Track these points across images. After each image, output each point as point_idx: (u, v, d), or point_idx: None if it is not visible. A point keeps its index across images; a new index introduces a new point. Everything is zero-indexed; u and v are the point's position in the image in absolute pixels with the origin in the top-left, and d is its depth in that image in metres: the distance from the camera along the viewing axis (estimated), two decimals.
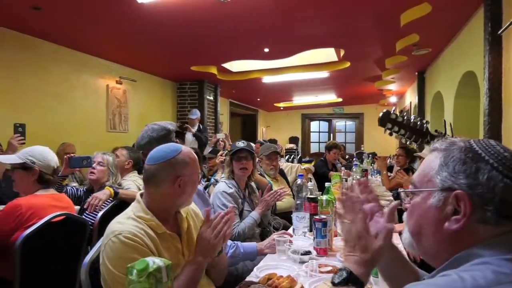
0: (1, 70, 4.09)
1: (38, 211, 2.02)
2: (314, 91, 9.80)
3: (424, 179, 0.81)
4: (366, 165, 5.83)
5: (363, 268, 0.86)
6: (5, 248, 1.90)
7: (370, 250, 0.88)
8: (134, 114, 6.37)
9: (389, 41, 5.00)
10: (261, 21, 4.21)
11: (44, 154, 2.23)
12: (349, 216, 0.93)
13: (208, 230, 1.32)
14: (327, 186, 2.22)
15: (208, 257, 1.32)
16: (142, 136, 2.07)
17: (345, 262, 0.90)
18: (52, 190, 2.26)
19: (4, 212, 2.02)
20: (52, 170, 2.22)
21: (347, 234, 0.92)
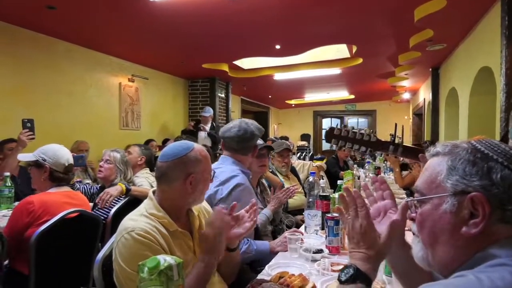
0: (16, 69, 4.15)
1: (51, 208, 2.04)
2: (326, 88, 9.73)
3: (432, 186, 0.78)
4: (379, 163, 5.77)
5: (369, 264, 0.85)
6: (20, 243, 1.94)
7: (375, 246, 0.86)
8: (146, 111, 6.42)
9: (403, 37, 4.93)
10: (273, 18, 4.19)
11: (55, 151, 2.23)
12: (352, 212, 0.91)
13: (208, 228, 1.31)
14: (340, 184, 2.20)
15: (215, 255, 1.31)
16: (230, 129, 2.10)
17: (350, 258, 0.89)
18: (66, 188, 2.27)
19: (17, 209, 2.05)
20: (64, 168, 2.22)
21: (351, 230, 0.91)
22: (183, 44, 5.16)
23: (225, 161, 2.11)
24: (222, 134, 2.13)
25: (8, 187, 2.83)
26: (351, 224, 0.91)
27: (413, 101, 10.69)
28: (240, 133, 2.06)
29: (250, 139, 2.09)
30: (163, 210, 1.32)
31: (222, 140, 2.15)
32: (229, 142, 2.09)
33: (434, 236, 0.77)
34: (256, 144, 2.17)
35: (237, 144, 2.07)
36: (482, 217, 0.70)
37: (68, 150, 2.33)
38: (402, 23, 4.36)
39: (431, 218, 0.77)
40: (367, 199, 1.02)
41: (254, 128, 2.11)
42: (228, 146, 2.11)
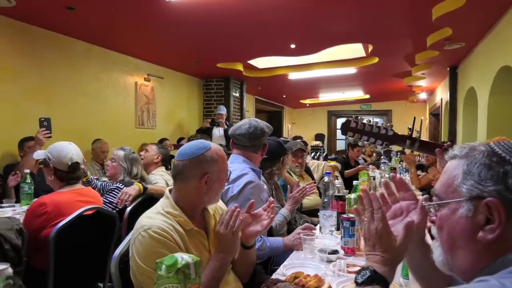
0: (35, 69, 4.24)
1: (64, 209, 2.05)
2: (340, 88, 9.66)
3: (448, 190, 0.77)
4: (395, 163, 5.70)
5: (386, 267, 0.84)
6: (36, 242, 1.96)
7: (391, 249, 0.85)
8: (162, 111, 6.48)
9: (420, 36, 4.85)
10: (288, 17, 4.18)
11: (58, 150, 2.19)
12: (368, 215, 0.90)
13: (222, 226, 1.31)
14: (356, 184, 2.18)
15: (230, 252, 1.31)
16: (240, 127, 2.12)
17: (367, 261, 0.88)
18: (78, 185, 2.27)
19: (29, 211, 2.05)
20: (67, 167, 2.16)
21: (367, 233, 0.90)
22: (198, 43, 5.18)
23: (235, 159, 2.12)
24: (233, 132, 2.14)
25: (28, 184, 2.89)
26: (366, 227, 0.90)
27: (430, 101, 10.52)
28: (251, 130, 2.08)
29: (261, 136, 2.11)
30: (179, 209, 1.33)
31: (233, 138, 2.16)
32: (240, 139, 2.10)
33: (452, 240, 0.76)
34: (265, 142, 2.18)
35: (248, 141, 2.10)
36: (498, 222, 0.68)
37: (74, 148, 2.27)
38: (419, 22, 4.30)
39: (449, 223, 0.76)
40: (389, 198, 1.00)
41: (264, 126, 2.13)
42: (239, 143, 2.13)
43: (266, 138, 2.17)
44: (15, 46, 4.00)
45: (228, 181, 1.46)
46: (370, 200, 0.91)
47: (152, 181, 3.09)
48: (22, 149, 3.69)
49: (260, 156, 2.19)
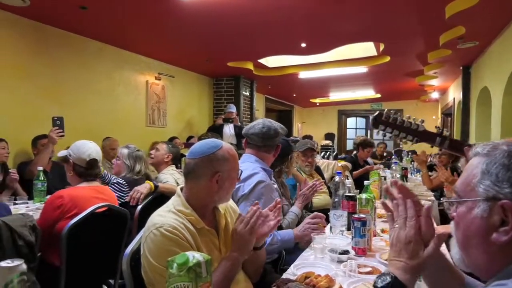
0: (48, 68, 4.29)
1: (79, 202, 2.10)
2: (351, 87, 9.60)
3: (467, 188, 0.76)
4: (406, 163, 5.65)
5: (408, 275, 0.82)
6: (51, 236, 2.00)
7: (417, 257, 0.84)
8: (172, 109, 6.51)
9: (433, 34, 4.79)
10: (299, 16, 4.16)
11: (79, 147, 2.28)
12: (400, 221, 0.89)
13: (241, 225, 1.32)
14: (366, 184, 2.16)
15: (244, 253, 1.32)
16: (254, 126, 2.13)
17: (389, 266, 0.87)
18: (95, 183, 2.33)
19: (48, 203, 2.12)
20: (85, 163, 2.25)
21: (395, 239, 0.88)
22: (209, 42, 5.20)
23: (247, 158, 2.12)
24: (246, 132, 2.15)
25: (41, 181, 2.94)
26: (396, 233, 0.88)
27: (442, 100, 10.39)
28: (265, 130, 2.08)
29: (274, 136, 2.11)
30: (190, 207, 1.33)
31: (246, 137, 2.16)
32: (254, 138, 2.11)
33: (466, 239, 0.76)
34: (278, 143, 2.18)
35: (261, 141, 2.10)
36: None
37: (94, 146, 2.35)
38: (432, 20, 4.24)
39: (465, 221, 0.76)
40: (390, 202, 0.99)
41: (278, 127, 2.13)
42: (252, 143, 2.13)
43: (280, 139, 2.17)
44: (29, 45, 4.06)
45: (239, 180, 1.46)
46: (406, 207, 0.89)
47: (162, 180, 3.11)
48: (35, 147, 3.75)
49: (273, 157, 2.19)
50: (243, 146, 2.22)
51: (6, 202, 2.50)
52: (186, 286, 0.80)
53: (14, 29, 3.90)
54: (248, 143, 2.16)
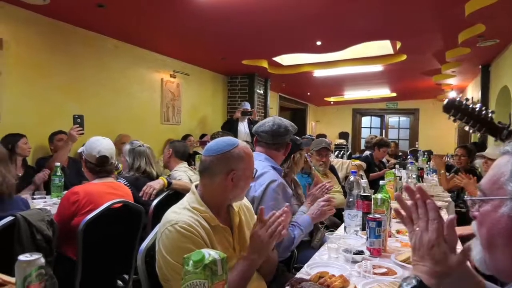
0: (67, 65, 4.36)
1: (94, 198, 2.13)
2: (366, 86, 9.49)
3: (494, 186, 0.74)
4: (422, 164, 5.56)
5: (433, 279, 0.80)
6: (67, 231, 2.03)
7: (442, 261, 0.81)
8: (187, 107, 6.55)
9: (451, 32, 4.70)
10: (314, 14, 4.12)
11: (90, 143, 2.30)
12: (422, 224, 0.86)
13: (262, 229, 1.31)
14: (382, 184, 2.14)
15: (262, 256, 1.32)
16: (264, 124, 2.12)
17: (414, 270, 0.84)
18: (110, 179, 2.36)
19: (64, 199, 2.16)
20: (95, 159, 2.26)
21: (418, 242, 0.85)
22: (224, 40, 5.20)
23: (257, 157, 2.10)
24: (256, 129, 2.13)
25: (58, 177, 2.99)
26: (418, 236, 0.86)
27: None
28: (275, 127, 2.07)
29: (284, 134, 2.09)
30: (205, 205, 1.34)
31: (256, 135, 2.15)
32: (264, 136, 2.09)
33: (491, 238, 0.74)
34: (289, 142, 2.15)
35: (272, 139, 2.08)
36: None
37: (106, 142, 2.35)
38: (451, 18, 4.16)
39: (490, 220, 0.74)
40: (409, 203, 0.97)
41: (288, 124, 2.11)
42: (262, 141, 2.12)
43: (290, 137, 2.14)
44: (48, 43, 4.13)
45: (253, 179, 1.46)
46: (427, 210, 0.87)
47: (176, 177, 3.14)
48: (52, 143, 3.82)
49: (283, 155, 2.17)
50: (253, 144, 2.21)
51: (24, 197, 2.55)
52: (201, 283, 0.80)
53: (34, 27, 3.97)
54: (258, 141, 2.15)
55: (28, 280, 0.96)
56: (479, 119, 1.29)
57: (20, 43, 3.84)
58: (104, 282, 2.31)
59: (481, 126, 1.29)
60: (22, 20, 3.83)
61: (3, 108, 3.66)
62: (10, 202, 1.79)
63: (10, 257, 1.60)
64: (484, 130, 1.31)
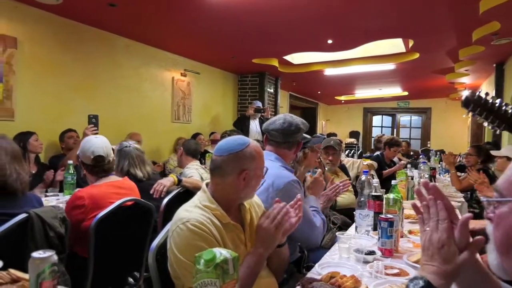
0: (79, 64, 4.41)
1: (100, 202, 2.10)
2: (378, 84, 9.41)
3: (511, 187, 0.73)
4: (434, 163, 5.50)
5: (442, 280, 0.79)
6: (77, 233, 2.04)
7: (451, 261, 0.80)
8: (197, 105, 6.57)
9: (465, 30, 4.62)
10: (325, 12, 4.10)
11: (83, 145, 2.25)
12: (432, 224, 0.85)
13: (267, 220, 1.31)
14: (394, 184, 2.11)
15: (269, 248, 1.31)
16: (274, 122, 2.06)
17: (421, 271, 0.83)
18: (113, 177, 2.31)
19: (68, 204, 2.12)
20: (91, 160, 2.20)
21: (427, 242, 0.84)
22: (234, 39, 5.20)
23: (267, 156, 2.04)
24: (267, 127, 2.05)
25: (71, 174, 3.03)
26: (428, 236, 0.85)
27: None
28: (285, 125, 1.99)
29: (295, 132, 2.01)
30: (216, 203, 1.34)
31: (266, 134, 2.08)
32: (274, 134, 2.01)
33: (508, 240, 0.72)
34: (300, 140, 2.09)
35: (282, 137, 2.00)
36: None
37: (99, 141, 2.27)
38: (465, 15, 4.09)
39: (507, 222, 0.72)
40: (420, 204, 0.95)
41: (299, 122, 2.03)
42: (272, 139, 2.04)
43: (302, 135, 2.08)
44: (60, 42, 4.18)
45: (263, 177, 1.46)
46: (437, 209, 0.86)
47: (187, 174, 3.15)
48: (62, 141, 3.87)
49: (293, 154, 2.10)
50: (264, 142, 2.14)
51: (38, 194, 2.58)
52: (213, 282, 0.80)
53: (47, 26, 4.02)
54: (268, 139, 2.07)
55: (42, 276, 0.97)
56: (499, 115, 1.23)
57: (33, 42, 3.89)
58: (115, 279, 2.33)
59: (501, 122, 1.23)
60: (35, 20, 3.89)
61: (17, 106, 3.72)
62: (24, 199, 1.81)
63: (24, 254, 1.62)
64: (504, 127, 1.25)
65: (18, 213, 1.70)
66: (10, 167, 1.72)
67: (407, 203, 2.78)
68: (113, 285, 2.30)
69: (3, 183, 1.69)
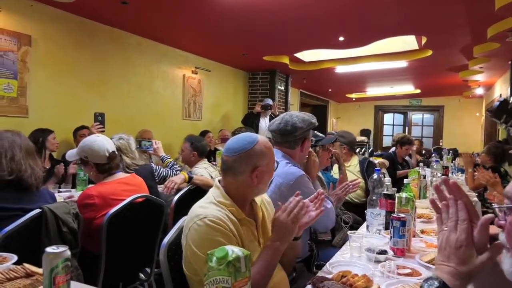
0: (92, 62, 4.46)
1: (110, 199, 2.11)
2: (389, 82, 9.32)
3: None
4: (446, 162, 5.42)
5: (457, 281, 0.77)
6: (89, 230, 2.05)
7: (468, 263, 0.78)
8: (208, 103, 6.59)
9: (480, 27, 4.54)
10: (337, 9, 4.06)
11: (91, 147, 2.18)
12: (451, 224, 0.83)
13: (284, 214, 1.30)
14: (406, 182, 2.09)
15: (286, 241, 1.30)
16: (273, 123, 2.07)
17: (436, 271, 0.81)
18: (120, 174, 2.31)
19: (78, 203, 2.10)
20: (106, 158, 2.19)
21: (444, 242, 0.83)
22: (245, 36, 5.20)
23: (275, 154, 2.07)
24: (268, 128, 2.10)
25: (83, 171, 3.06)
26: (446, 236, 0.83)
27: (487, 96, 9.87)
28: (281, 125, 1.99)
29: (292, 131, 1.98)
30: (230, 199, 1.35)
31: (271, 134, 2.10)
32: (273, 135, 2.06)
33: None
34: (305, 137, 2.04)
35: (280, 137, 2.02)
36: None
37: (105, 139, 2.27)
38: (480, 12, 4.02)
39: None
40: (439, 202, 0.93)
41: (297, 120, 1.99)
42: (274, 139, 2.07)
43: (302, 132, 2.01)
44: (74, 40, 4.22)
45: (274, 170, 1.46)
46: (457, 209, 0.83)
47: (197, 173, 3.16)
48: (75, 139, 3.92)
49: (300, 151, 2.06)
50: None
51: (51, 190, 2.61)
52: (225, 280, 0.80)
53: (61, 24, 4.06)
54: (271, 139, 2.07)
55: (55, 271, 0.98)
56: None
57: (47, 40, 3.94)
58: (127, 275, 2.35)
59: None
60: (50, 18, 3.93)
61: (31, 103, 3.77)
62: (38, 194, 1.83)
63: (37, 249, 1.65)
64: None
65: (32, 208, 1.72)
66: (25, 162, 1.75)
67: (419, 202, 2.76)
68: (124, 281, 2.32)
69: (18, 178, 1.72)
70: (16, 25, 3.65)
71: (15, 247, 1.50)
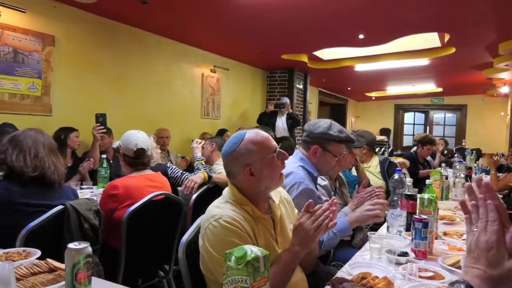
0: (113, 61, 4.53)
1: (133, 192, 2.18)
2: (410, 80, 9.13)
3: None
4: (470, 163, 5.28)
5: (486, 285, 0.74)
6: (110, 225, 2.10)
7: (498, 266, 0.75)
8: (226, 101, 6.61)
9: (506, 23, 4.40)
10: (357, 6, 4.00)
11: (126, 137, 2.34)
12: (481, 224, 0.80)
13: (308, 221, 1.28)
14: (428, 183, 2.04)
15: (306, 247, 1.29)
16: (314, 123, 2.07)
17: (464, 274, 0.79)
18: (147, 171, 2.39)
19: (104, 193, 2.21)
20: (133, 152, 2.29)
21: (474, 244, 0.80)
22: (264, 34, 5.18)
23: (296, 154, 2.09)
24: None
25: (104, 168, 3.11)
26: (475, 237, 0.80)
27: None
28: (306, 126, 2.08)
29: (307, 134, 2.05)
30: (244, 197, 1.34)
31: None
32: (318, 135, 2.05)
33: None
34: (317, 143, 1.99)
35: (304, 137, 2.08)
36: None
37: (142, 136, 2.38)
38: (506, 7, 3.89)
39: None
40: (469, 204, 0.90)
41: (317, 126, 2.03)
42: None
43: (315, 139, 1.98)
44: (95, 40, 4.30)
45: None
46: (487, 210, 0.80)
47: (216, 170, 3.17)
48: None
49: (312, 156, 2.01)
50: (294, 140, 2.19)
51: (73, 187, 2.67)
52: (243, 279, 0.79)
53: (83, 24, 4.14)
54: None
55: (77, 267, 1.00)
56: None
57: (70, 40, 4.02)
58: (146, 271, 2.38)
59: None
60: (72, 18, 4.01)
61: (54, 102, 3.86)
62: (60, 191, 1.87)
63: (60, 244, 1.68)
64: None
65: (55, 205, 1.76)
66: (48, 159, 1.80)
67: (442, 204, 2.69)
68: (144, 277, 2.36)
69: (42, 175, 1.76)
70: (41, 25, 3.74)
71: (39, 242, 1.54)
